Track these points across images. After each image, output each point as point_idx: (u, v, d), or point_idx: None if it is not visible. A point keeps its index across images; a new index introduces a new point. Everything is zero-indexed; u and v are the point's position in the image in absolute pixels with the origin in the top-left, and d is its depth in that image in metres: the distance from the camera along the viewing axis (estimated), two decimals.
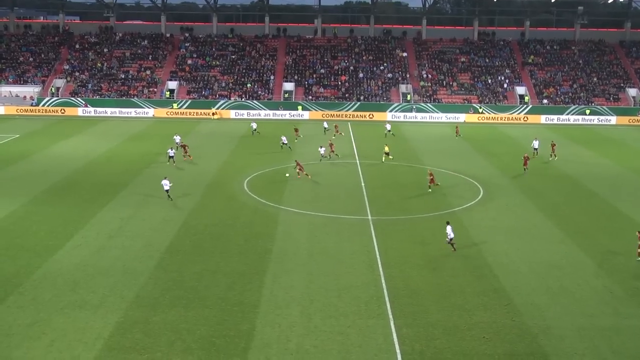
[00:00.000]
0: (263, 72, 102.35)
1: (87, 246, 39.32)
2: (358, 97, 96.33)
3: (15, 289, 33.09)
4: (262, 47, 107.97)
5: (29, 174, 57.28)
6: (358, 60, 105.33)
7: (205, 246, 39.41)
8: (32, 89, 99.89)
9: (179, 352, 27.04)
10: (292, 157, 63.41)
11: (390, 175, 57.67)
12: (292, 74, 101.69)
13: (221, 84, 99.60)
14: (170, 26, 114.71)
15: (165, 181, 49.40)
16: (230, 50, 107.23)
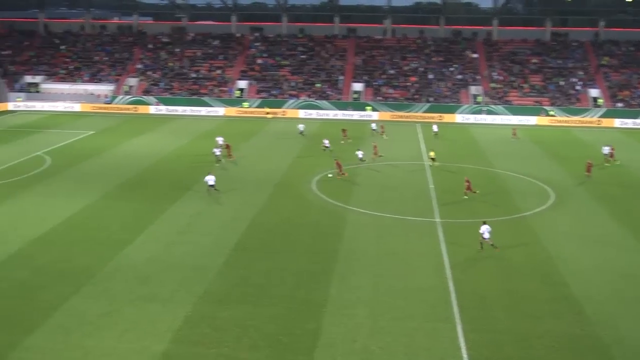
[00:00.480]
0: (332, 72, 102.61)
1: (158, 241, 40.17)
2: (427, 99, 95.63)
3: (89, 280, 34.09)
4: (332, 47, 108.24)
5: (103, 170, 58.84)
6: (428, 61, 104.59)
7: (273, 244, 39.77)
8: (106, 87, 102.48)
9: (246, 348, 27.37)
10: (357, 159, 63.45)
11: (459, 177, 57.02)
12: (361, 75, 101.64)
13: (290, 84, 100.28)
14: (241, 26, 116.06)
15: (209, 177, 50.51)
16: (299, 50, 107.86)
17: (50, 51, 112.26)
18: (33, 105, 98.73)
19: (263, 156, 65.05)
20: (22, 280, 34.15)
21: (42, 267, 35.93)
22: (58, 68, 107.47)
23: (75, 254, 37.83)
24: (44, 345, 27.51)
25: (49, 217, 44.62)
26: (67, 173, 57.62)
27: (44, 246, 39.22)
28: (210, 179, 50.45)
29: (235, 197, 50.29)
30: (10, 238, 40.46)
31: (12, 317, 30.02)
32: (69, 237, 40.78)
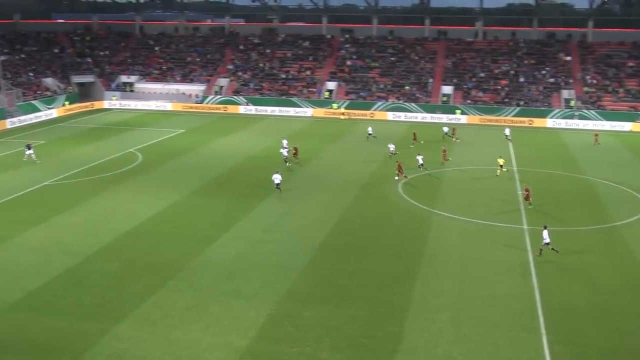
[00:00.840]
0: (422, 74, 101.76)
1: (244, 239, 40.78)
2: (518, 102, 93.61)
3: (176, 274, 34.95)
4: (422, 50, 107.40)
5: (192, 167, 60.17)
6: (519, 63, 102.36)
7: (357, 246, 39.75)
8: (197, 87, 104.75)
9: (328, 348, 27.44)
10: (447, 163, 62.72)
11: (548, 183, 55.63)
12: (450, 77, 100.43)
13: (379, 86, 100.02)
14: (331, 28, 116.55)
15: (276, 175, 51.23)
16: (389, 52, 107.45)
17: (145, 52, 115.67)
18: (127, 104, 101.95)
19: (350, 157, 65.08)
20: (112, 271, 35.34)
21: (131, 259, 37.07)
22: (152, 68, 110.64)
23: (163, 249, 38.84)
24: (131, 334, 28.38)
25: (139, 212, 46.01)
26: (157, 170, 59.22)
27: (133, 240, 40.45)
28: (277, 177, 51.26)
29: (322, 197, 50.52)
30: (102, 231, 41.94)
31: (102, 306, 31.10)
32: (158, 232, 41.92)
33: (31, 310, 30.82)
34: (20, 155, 63.73)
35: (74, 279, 34.34)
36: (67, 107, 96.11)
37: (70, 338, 28.10)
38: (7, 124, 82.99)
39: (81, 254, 37.96)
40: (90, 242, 39.95)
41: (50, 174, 57.18)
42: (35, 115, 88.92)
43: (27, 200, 49.41)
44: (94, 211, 46.43)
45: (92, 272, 35.23)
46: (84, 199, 49.55)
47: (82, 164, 61.16)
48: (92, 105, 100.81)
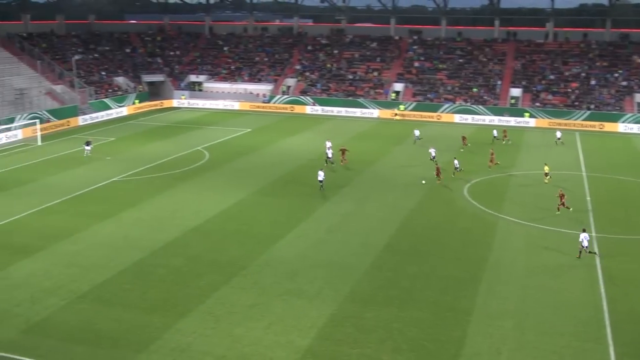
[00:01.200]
0: (490, 76, 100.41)
1: (307, 238, 40.94)
2: (588, 106, 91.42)
3: (240, 271, 35.34)
4: (491, 51, 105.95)
5: (258, 166, 60.73)
6: (591, 66, 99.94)
7: (421, 248, 39.48)
8: (265, 87, 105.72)
9: (389, 350, 27.30)
10: (514, 165, 61.72)
11: (618, 189, 54.18)
12: (519, 80, 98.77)
13: (447, 88, 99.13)
14: (399, 29, 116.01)
15: (320, 172, 52.27)
16: (457, 54, 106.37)
17: (214, 52, 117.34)
18: (195, 103, 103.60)
19: (415, 159, 64.67)
20: (178, 267, 35.95)
21: (197, 256, 37.63)
22: (220, 68, 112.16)
23: (227, 246, 39.31)
24: (194, 329, 28.80)
25: (205, 209, 46.68)
26: (223, 168, 59.97)
27: (199, 236, 41.07)
28: (320, 174, 52.11)
29: (386, 199, 50.35)
30: (168, 227, 42.71)
31: (167, 300, 31.66)
32: (223, 229, 42.45)
33: (98, 302, 31.61)
34: (90, 151, 65.39)
35: (140, 273, 35.07)
36: (137, 105, 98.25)
37: (135, 330, 28.71)
38: (79, 120, 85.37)
39: (147, 248, 38.75)
40: (156, 237, 40.74)
41: (119, 170, 58.54)
42: (106, 112, 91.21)
43: (97, 196, 50.70)
44: (161, 207, 47.34)
45: (157, 267, 35.92)
46: (151, 195, 50.58)
47: (150, 161, 62.42)
48: (161, 104, 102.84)
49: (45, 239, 40.39)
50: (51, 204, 48.08)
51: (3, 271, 35.28)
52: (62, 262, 36.69)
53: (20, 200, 49.13)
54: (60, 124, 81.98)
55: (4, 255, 37.63)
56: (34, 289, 32.93)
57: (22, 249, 38.52)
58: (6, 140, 72.10)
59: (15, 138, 73.47)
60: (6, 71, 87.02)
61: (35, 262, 36.64)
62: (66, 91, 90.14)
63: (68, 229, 42.16)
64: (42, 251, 38.26)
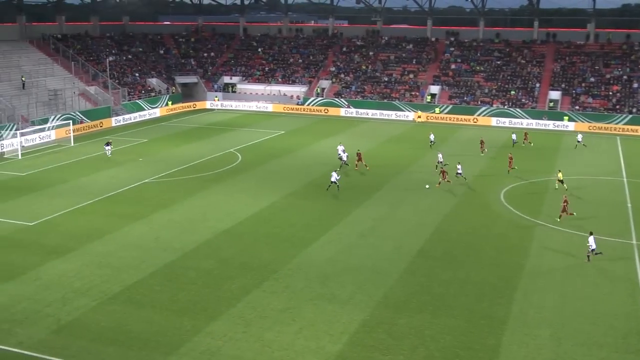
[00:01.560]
0: (528, 79, 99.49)
1: (340, 242, 40.92)
2: (630, 109, 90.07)
3: (271, 275, 35.42)
4: (529, 53, 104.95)
5: (291, 169, 60.88)
6: (633, 68, 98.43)
7: (456, 254, 39.21)
8: (299, 89, 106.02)
9: (422, 358, 27.15)
10: (552, 170, 61.04)
11: None
12: (559, 82, 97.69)
13: (484, 90, 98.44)
14: (436, 30, 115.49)
15: (334, 173, 53.05)
16: (495, 56, 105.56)
17: (248, 53, 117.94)
18: (229, 105, 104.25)
19: (451, 163, 64.18)
20: (209, 269, 36.15)
21: (228, 259, 37.82)
22: (254, 69, 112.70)
23: (259, 249, 39.45)
24: (224, 333, 28.92)
25: (237, 212, 46.92)
26: (256, 170, 60.22)
27: (230, 239, 41.27)
28: (334, 175, 52.77)
29: (421, 203, 50.12)
30: (200, 229, 43.00)
31: (197, 303, 31.85)
32: (255, 232, 42.60)
33: (129, 303, 31.92)
34: (122, 153, 66.15)
35: (171, 275, 35.34)
36: (170, 107, 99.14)
37: (165, 332, 28.92)
38: (112, 122, 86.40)
39: (179, 250, 39.05)
40: (187, 239, 41.03)
41: (151, 171, 59.08)
42: (139, 114, 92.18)
43: (128, 197, 51.23)
44: (192, 209, 47.68)
45: (188, 269, 36.16)
46: (183, 197, 50.97)
47: (183, 162, 62.91)
48: (194, 106, 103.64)
49: (77, 239, 40.91)
50: (83, 205, 48.69)
51: (34, 271, 35.80)
52: (94, 262, 37.12)
53: (53, 200, 49.84)
54: (94, 125, 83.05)
55: (35, 255, 38.18)
56: (65, 290, 33.36)
57: (53, 250, 39.05)
58: (39, 140, 73.22)
59: (48, 139, 74.58)
60: (40, 72, 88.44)
61: (66, 262, 37.13)
62: (100, 92, 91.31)
63: (100, 230, 42.67)
64: (74, 252, 38.76)
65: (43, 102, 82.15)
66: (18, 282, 34.37)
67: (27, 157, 65.82)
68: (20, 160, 64.45)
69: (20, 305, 31.54)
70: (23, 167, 61.44)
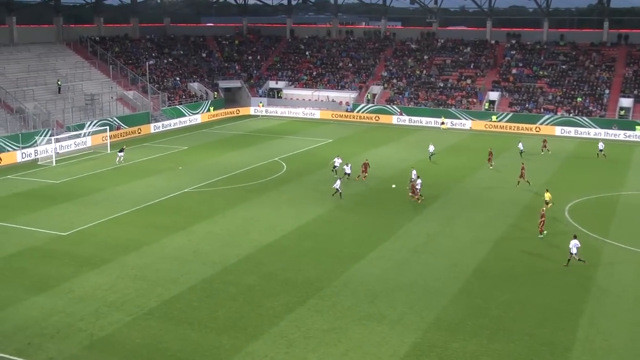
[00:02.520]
0: (597, 85, 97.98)
1: (390, 259, 40.71)
2: None
3: (317, 292, 35.36)
4: (598, 57, 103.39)
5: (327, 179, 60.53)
6: None
7: (516, 274, 38.66)
8: (348, 95, 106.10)
9: None
10: (622, 184, 59.92)
11: None
12: (630, 88, 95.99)
13: (547, 97, 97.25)
14: (496, 32, 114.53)
15: (338, 181, 54.38)
16: (560, 60, 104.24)
17: (295, 57, 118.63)
18: (274, 111, 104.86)
19: (512, 175, 63.52)
20: (250, 285, 36.26)
21: (270, 274, 37.89)
22: (301, 74, 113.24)
23: (304, 265, 39.45)
24: (266, 353, 28.90)
25: (281, 224, 47.05)
26: (302, 181, 60.35)
27: (273, 253, 41.38)
28: (338, 183, 54.04)
29: (478, 218, 49.63)
30: (242, 242, 43.22)
31: (237, 321, 31.94)
32: (299, 247, 42.65)
33: (166, 319, 32.15)
34: (161, 161, 66.89)
35: (210, 291, 35.53)
36: (212, 112, 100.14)
37: (203, 351, 29.02)
38: (151, 128, 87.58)
39: (219, 264, 39.28)
40: (228, 253, 41.26)
41: (190, 180, 59.64)
42: (180, 120, 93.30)
43: (167, 207, 51.77)
44: (233, 221, 47.95)
45: (229, 285, 36.31)
46: (224, 208, 51.32)
47: (224, 171, 63.37)
48: (237, 112, 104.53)
49: (112, 250, 41.45)
50: (119, 215, 49.37)
51: (67, 283, 36.36)
52: (129, 275, 37.55)
53: (87, 210, 50.62)
54: (132, 131, 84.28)
55: (69, 266, 38.79)
56: (99, 303, 33.78)
57: (87, 261, 39.63)
58: (75, 147, 74.56)
59: (84, 145, 75.88)
60: (77, 76, 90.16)
61: (100, 274, 37.63)
62: (138, 97, 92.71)
63: (136, 241, 43.18)
64: (109, 263, 39.27)
65: (79, 107, 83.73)
66: (50, 295, 34.93)
67: (62, 164, 67.12)
68: (55, 168, 65.76)
69: (52, 319, 32.04)
70: (57, 174, 62.64)
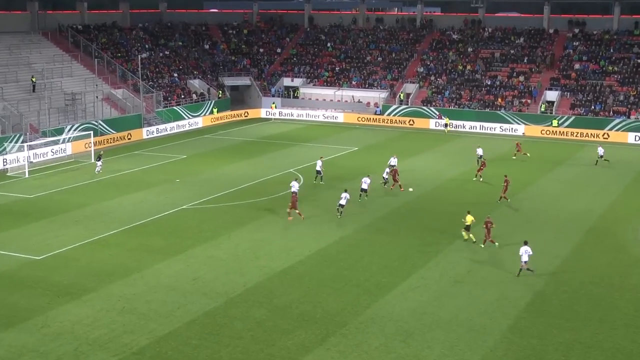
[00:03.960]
0: None
1: (427, 290, 40.60)
2: None
3: (339, 329, 35.28)
4: None
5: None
6: None
7: (579, 310, 38.43)
8: (377, 95, 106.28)
9: None
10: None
11: None
12: None
13: (618, 97, 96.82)
14: (555, 19, 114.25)
15: (344, 194, 53.94)
16: (634, 52, 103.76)
17: (314, 49, 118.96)
18: (290, 113, 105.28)
19: (574, 190, 63.25)
20: (259, 320, 36.23)
21: (284, 307, 37.86)
22: (322, 69, 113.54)
23: (323, 296, 39.39)
24: None
25: (296, 248, 47.10)
26: (321, 196, 60.41)
27: (287, 282, 41.37)
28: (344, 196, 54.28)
29: (532, 242, 49.19)
30: (249, 269, 43.29)
31: None
32: (318, 275, 42.62)
33: None
34: (155, 172, 67.16)
35: (212, 327, 35.53)
36: (216, 115, 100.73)
37: None
38: (143, 133, 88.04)
39: (222, 295, 39.30)
40: (234, 281, 41.29)
41: (190, 195, 59.81)
42: (177, 124, 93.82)
43: (161, 226, 51.95)
44: (240, 244, 48.04)
45: (234, 319, 36.31)
46: (229, 228, 51.43)
47: (230, 185, 63.51)
48: (246, 114, 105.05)
49: (96, 278, 41.60)
50: (105, 235, 49.59)
51: (41, 316, 36.49)
52: (116, 307, 37.63)
53: (67, 229, 50.89)
54: (120, 136, 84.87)
55: (44, 297, 38.95)
56: (79, 341, 33.82)
57: (66, 290, 39.78)
58: (52, 155, 75.06)
59: (63, 153, 76.40)
60: (56, 71, 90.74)
61: (81, 306, 37.73)
62: (128, 97, 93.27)
63: (124, 267, 43.33)
64: (91, 293, 39.39)
65: (58, 109, 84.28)
66: (20, 330, 35.07)
67: (36, 176, 67.58)
68: (27, 180, 66.22)
69: None
70: (30, 187, 63.07)
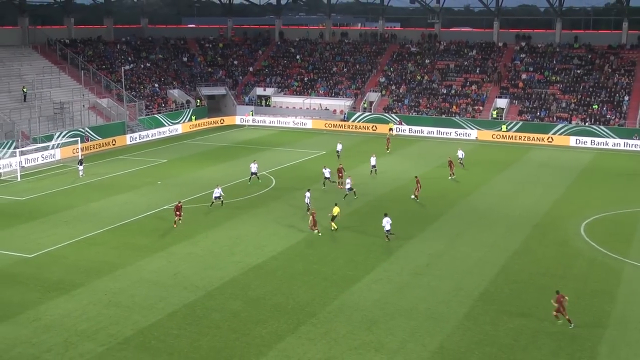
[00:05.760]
0: (615, 91, 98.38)
1: (389, 281, 40.68)
2: None
3: (309, 319, 35.31)
4: (617, 60, 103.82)
5: (332, 195, 60.38)
6: None
7: (527, 298, 38.66)
8: (343, 103, 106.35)
9: None
10: None
11: None
12: None
13: (561, 104, 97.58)
14: (504, 34, 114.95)
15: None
16: (574, 64, 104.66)
17: (284, 61, 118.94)
18: (262, 120, 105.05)
19: (520, 190, 63.65)
20: (235, 311, 36.17)
21: (258, 299, 37.82)
22: (292, 80, 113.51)
23: (294, 288, 39.39)
24: None
25: (269, 245, 47.01)
26: (292, 196, 60.30)
27: (261, 276, 41.31)
28: (307, 195, 55.28)
29: (484, 237, 49.64)
30: (226, 264, 43.17)
31: (221, 350, 31.86)
32: (289, 269, 42.58)
33: (142, 349, 32.03)
34: (138, 175, 66.80)
35: (192, 318, 35.42)
36: (194, 122, 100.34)
37: None
38: (127, 139, 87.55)
39: (201, 289, 39.17)
40: (211, 276, 41.16)
41: (170, 197, 59.46)
42: (158, 130, 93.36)
43: (144, 226, 51.68)
44: (217, 241, 47.90)
45: (212, 311, 36.21)
46: (207, 226, 51.27)
47: (207, 187, 63.18)
48: (222, 121, 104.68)
49: (83, 274, 41.32)
50: (91, 235, 49.26)
51: (33, 310, 36.20)
52: (102, 301, 37.41)
53: (56, 229, 50.51)
54: (105, 142, 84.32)
55: (35, 292, 38.63)
56: (68, 332, 33.62)
57: (55, 286, 39.49)
58: (42, 160, 74.51)
59: (52, 158, 75.85)
60: (45, 82, 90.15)
61: (70, 300, 37.47)
62: (113, 105, 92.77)
63: (110, 264, 43.06)
64: (79, 288, 39.13)
65: (47, 117, 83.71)
66: (13, 323, 34.78)
67: (28, 180, 67.02)
68: (19, 183, 65.66)
69: (15, 350, 31.87)
70: (22, 190, 62.53)
